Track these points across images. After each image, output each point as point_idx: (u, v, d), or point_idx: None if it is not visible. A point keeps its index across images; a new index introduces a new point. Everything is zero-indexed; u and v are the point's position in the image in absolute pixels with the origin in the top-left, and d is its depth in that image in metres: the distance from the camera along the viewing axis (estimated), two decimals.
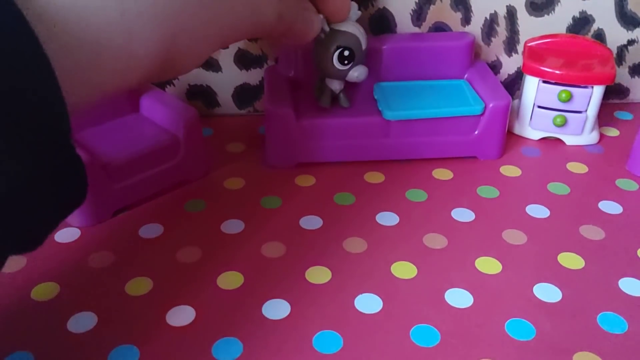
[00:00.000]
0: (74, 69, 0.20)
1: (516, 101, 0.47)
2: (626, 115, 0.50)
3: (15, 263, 0.33)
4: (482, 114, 0.41)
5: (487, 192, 0.40)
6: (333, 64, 0.38)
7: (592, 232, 0.36)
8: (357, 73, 0.39)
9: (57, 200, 0.21)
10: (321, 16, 0.35)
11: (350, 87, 0.43)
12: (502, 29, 0.47)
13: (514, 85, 0.49)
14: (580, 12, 0.47)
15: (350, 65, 0.39)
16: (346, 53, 0.38)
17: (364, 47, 0.39)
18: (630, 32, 0.48)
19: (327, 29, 0.37)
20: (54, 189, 0.20)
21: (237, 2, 0.27)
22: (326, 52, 0.38)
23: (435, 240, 0.35)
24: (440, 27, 0.47)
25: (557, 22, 0.47)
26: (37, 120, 0.19)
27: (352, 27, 0.38)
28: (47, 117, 0.19)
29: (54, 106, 0.19)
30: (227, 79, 0.47)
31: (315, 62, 0.39)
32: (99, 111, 0.40)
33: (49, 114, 0.19)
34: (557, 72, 0.43)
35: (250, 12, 0.28)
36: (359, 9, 0.38)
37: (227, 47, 0.46)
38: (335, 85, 0.41)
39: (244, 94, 0.48)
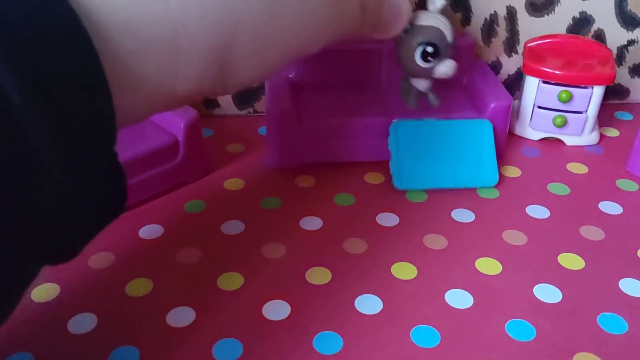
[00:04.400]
0: (119, 69, 0.19)
1: (516, 102, 0.47)
2: (626, 116, 0.50)
3: None
4: (483, 116, 0.41)
5: (487, 192, 0.40)
6: (416, 62, 0.36)
7: (592, 233, 0.36)
8: (445, 68, 0.36)
9: (97, 210, 0.20)
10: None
11: (351, 88, 0.43)
12: (502, 30, 0.47)
13: (514, 85, 0.49)
14: (580, 13, 0.47)
15: (435, 62, 0.36)
16: (429, 49, 0.35)
17: (449, 39, 0.36)
18: (630, 32, 0.48)
19: (407, 25, 0.35)
20: (96, 198, 0.20)
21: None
22: (408, 50, 0.35)
23: (435, 241, 0.35)
24: None
25: (557, 22, 0.47)
26: (88, 127, 0.18)
27: (434, 20, 0.35)
28: (97, 124, 0.19)
29: (105, 113, 0.19)
30: None
31: (398, 63, 0.37)
32: None
33: (100, 121, 0.19)
34: (557, 72, 0.43)
35: (333, 11, 0.24)
36: None
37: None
38: (422, 84, 0.38)
39: (244, 95, 0.48)
